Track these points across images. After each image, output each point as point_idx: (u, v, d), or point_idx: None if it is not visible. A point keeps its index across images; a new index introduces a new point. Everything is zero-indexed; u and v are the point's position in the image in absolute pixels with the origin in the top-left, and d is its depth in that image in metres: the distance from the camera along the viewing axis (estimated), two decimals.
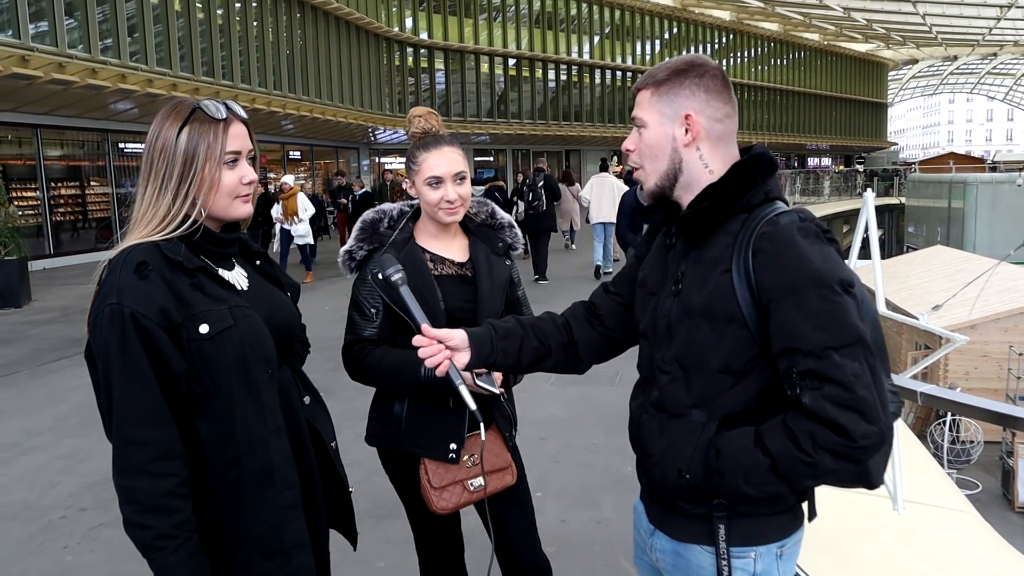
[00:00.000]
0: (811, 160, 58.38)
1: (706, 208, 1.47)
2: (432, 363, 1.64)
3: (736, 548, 1.47)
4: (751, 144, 1.56)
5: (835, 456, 1.33)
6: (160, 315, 1.47)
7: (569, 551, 3.55)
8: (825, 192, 38.05)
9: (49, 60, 14.31)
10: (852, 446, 1.32)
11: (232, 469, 1.55)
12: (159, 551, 1.45)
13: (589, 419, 5.51)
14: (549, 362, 1.76)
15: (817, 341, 1.33)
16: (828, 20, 45.62)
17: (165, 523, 1.45)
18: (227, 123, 1.59)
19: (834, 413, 1.31)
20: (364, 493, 4.03)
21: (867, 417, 1.31)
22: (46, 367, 7.59)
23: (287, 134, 25.80)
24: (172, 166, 1.55)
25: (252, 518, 1.57)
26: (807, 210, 1.48)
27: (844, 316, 1.34)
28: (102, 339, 1.48)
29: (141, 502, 1.45)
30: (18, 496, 4.48)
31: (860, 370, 1.32)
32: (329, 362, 2.15)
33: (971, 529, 3.47)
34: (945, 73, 72.83)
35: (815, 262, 1.36)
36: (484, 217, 2.35)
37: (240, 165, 1.61)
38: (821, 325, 1.34)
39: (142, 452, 1.46)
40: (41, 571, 3.59)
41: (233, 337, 1.54)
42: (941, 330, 6.48)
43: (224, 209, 1.61)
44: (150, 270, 1.49)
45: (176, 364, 1.50)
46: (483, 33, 36.52)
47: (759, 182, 1.47)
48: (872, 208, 3.54)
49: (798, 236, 1.39)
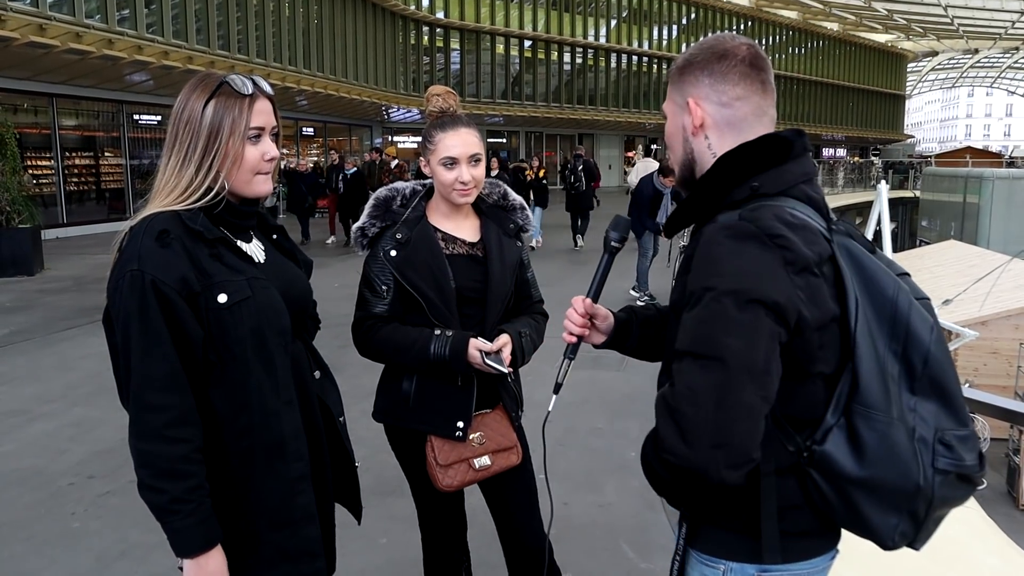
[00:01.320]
0: (826, 151, 57.94)
1: (684, 203, 1.43)
2: (570, 329, 1.67)
3: (705, 555, 1.40)
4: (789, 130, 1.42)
5: (656, 458, 1.26)
6: (180, 283, 1.49)
7: (571, 534, 3.57)
8: (839, 184, 37.76)
9: (66, 29, 14.33)
10: (661, 456, 1.24)
11: (244, 439, 1.57)
12: (173, 514, 1.47)
13: (595, 403, 5.53)
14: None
15: (681, 342, 1.26)
16: (848, 9, 45.13)
17: (179, 487, 1.47)
18: (253, 99, 1.60)
19: (659, 413, 1.25)
20: (368, 470, 4.03)
21: (683, 435, 1.20)
22: (57, 335, 7.64)
23: (301, 110, 25.77)
24: (197, 138, 1.57)
25: (262, 488, 1.59)
26: (766, 207, 1.29)
27: (715, 327, 1.21)
28: (122, 304, 1.49)
29: (156, 466, 1.47)
30: (27, 462, 4.53)
31: (699, 386, 1.20)
32: (337, 339, 2.16)
33: (975, 526, 3.46)
34: (965, 66, 72.06)
35: (720, 266, 1.24)
36: (496, 198, 2.35)
37: (263, 141, 1.63)
38: (691, 329, 1.25)
39: (159, 417, 1.47)
40: (48, 537, 3.64)
41: (250, 308, 1.56)
42: (951, 325, 6.46)
43: (244, 184, 1.62)
44: (171, 238, 1.50)
45: (194, 332, 1.51)
46: (499, 14, 36.30)
47: (746, 176, 1.33)
48: (886, 201, 3.52)
49: (720, 235, 1.27)
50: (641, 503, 3.97)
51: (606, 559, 3.45)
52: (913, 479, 1.24)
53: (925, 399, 1.27)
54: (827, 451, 1.27)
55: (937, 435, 1.26)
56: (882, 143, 60.22)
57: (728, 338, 1.20)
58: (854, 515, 1.29)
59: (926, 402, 1.27)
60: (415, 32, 33.20)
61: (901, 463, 1.24)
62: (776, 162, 1.35)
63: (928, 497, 1.26)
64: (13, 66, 14.48)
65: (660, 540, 3.56)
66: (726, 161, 1.36)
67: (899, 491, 1.25)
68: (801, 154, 1.38)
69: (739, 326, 1.20)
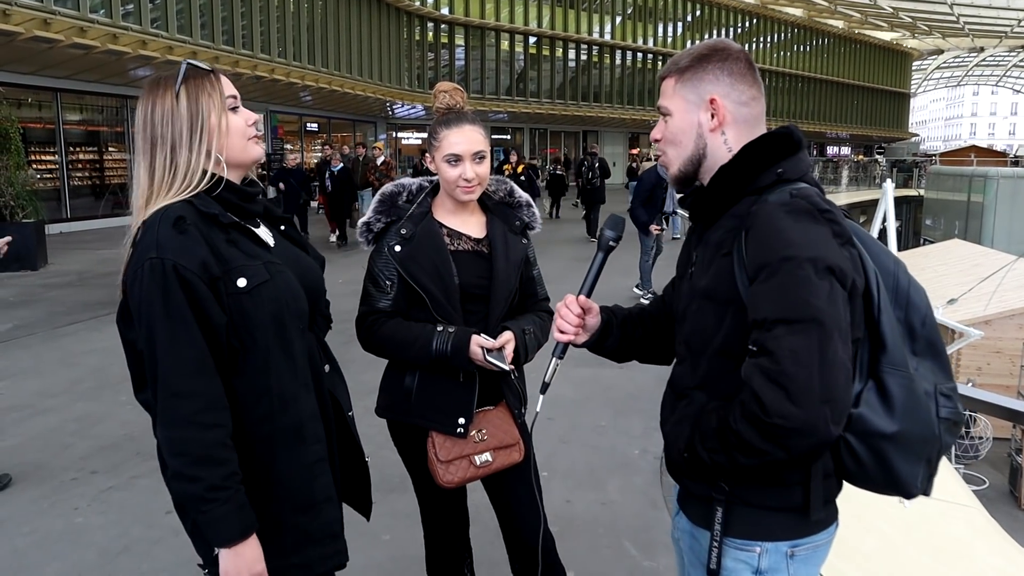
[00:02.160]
0: (830, 149, 57.81)
1: (712, 189, 1.47)
2: (562, 328, 1.68)
3: (739, 540, 1.44)
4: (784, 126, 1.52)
5: (757, 432, 1.28)
6: (201, 267, 1.48)
7: (573, 532, 3.57)
8: (843, 182, 37.67)
9: (71, 24, 14.32)
10: (767, 423, 1.26)
11: (266, 424, 1.57)
12: (211, 503, 1.45)
13: (598, 401, 5.52)
14: (647, 350, 1.80)
15: (768, 312, 1.29)
16: (853, 7, 45.00)
17: (216, 474, 1.45)
18: (215, 73, 1.62)
19: (758, 383, 1.27)
20: (372, 466, 4.03)
21: (791, 397, 1.24)
22: (61, 330, 7.65)
23: (305, 106, 25.76)
24: (179, 125, 1.57)
25: (284, 473, 1.59)
26: (807, 188, 1.41)
27: (803, 292, 1.28)
28: (143, 294, 1.47)
29: (191, 453, 1.45)
30: (31, 457, 4.54)
31: (802, 348, 1.25)
32: (341, 335, 2.16)
33: (977, 525, 3.46)
34: (971, 65, 71.85)
35: (790, 238, 1.32)
36: (502, 195, 2.34)
37: (241, 110, 1.64)
38: (776, 298, 1.29)
39: (190, 403, 1.46)
40: (51, 532, 3.64)
41: (269, 291, 1.56)
42: (955, 324, 6.44)
43: (241, 151, 1.63)
44: (188, 224, 1.50)
45: (218, 317, 1.50)
46: (504, 10, 36.25)
47: (769, 163, 1.43)
48: (891, 199, 3.51)
49: (780, 212, 1.35)
50: (644, 501, 3.97)
51: (609, 557, 3.45)
52: (932, 428, 1.37)
53: (923, 358, 1.41)
54: (862, 413, 1.35)
55: (937, 389, 1.39)
56: (887, 141, 60.09)
57: (818, 301, 1.27)
58: (886, 471, 1.37)
59: (924, 360, 1.41)
60: (420, 28, 33.16)
61: (924, 413, 1.37)
62: (793, 151, 1.46)
63: (939, 444, 1.39)
64: (17, 61, 14.50)
65: (663, 538, 3.55)
66: (752, 150, 1.45)
67: (923, 440, 1.37)
68: (805, 146, 1.51)
69: (822, 290, 1.28)
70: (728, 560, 1.45)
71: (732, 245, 1.41)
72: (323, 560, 1.65)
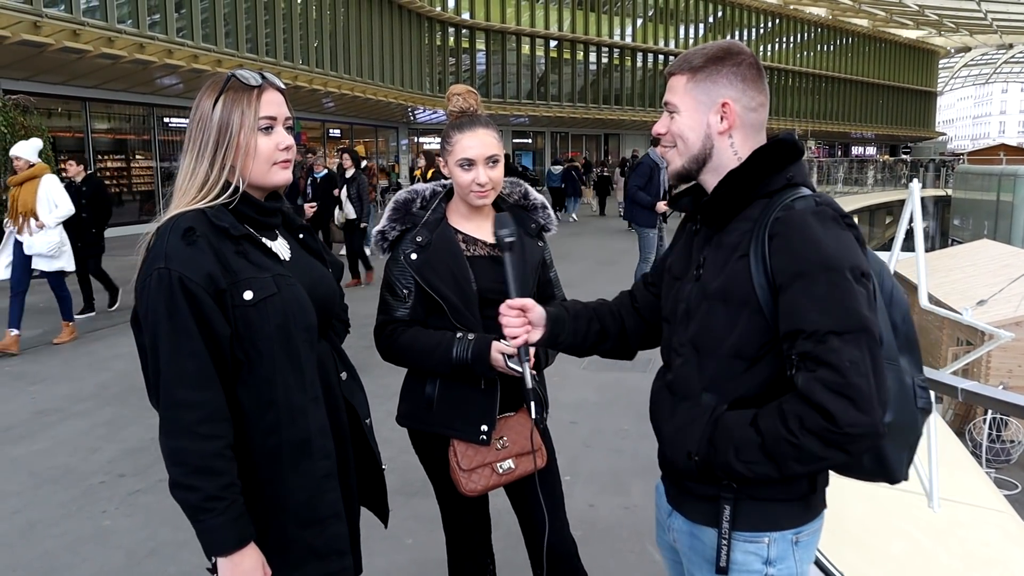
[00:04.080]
0: (856, 149, 57.22)
1: (725, 193, 1.49)
2: (511, 333, 1.71)
3: (747, 532, 1.48)
4: (780, 131, 1.57)
5: (821, 441, 1.31)
6: (207, 280, 1.50)
7: (596, 536, 3.55)
8: (869, 182, 37.29)
9: (99, 34, 14.58)
10: (837, 432, 1.30)
11: (272, 437, 1.57)
12: (207, 512, 1.46)
13: (620, 404, 5.50)
14: (607, 346, 1.82)
15: (819, 324, 1.32)
16: (878, 5, 44.56)
17: (213, 484, 1.46)
18: (260, 90, 1.60)
19: (823, 396, 1.30)
20: (394, 471, 4.04)
21: (857, 405, 1.29)
22: (90, 335, 7.76)
23: (328, 112, 25.95)
24: (208, 134, 1.58)
25: (289, 486, 1.59)
26: (827, 195, 1.47)
27: (850, 302, 1.33)
28: (150, 303, 1.50)
29: (189, 463, 1.47)
30: (60, 460, 4.60)
31: (858, 358, 1.30)
32: (363, 339, 2.17)
33: (1009, 530, 3.40)
34: (999, 62, 70.76)
35: (827, 246, 1.36)
36: (517, 198, 2.33)
37: (276, 132, 1.63)
38: (825, 309, 1.33)
39: (190, 414, 1.47)
40: (80, 534, 3.70)
41: (276, 304, 1.56)
42: (985, 326, 6.33)
43: (262, 175, 1.62)
44: (197, 236, 1.51)
45: (221, 329, 1.52)
46: (525, 14, 36.32)
47: (780, 168, 1.47)
48: (918, 199, 3.46)
49: (812, 220, 1.38)
50: None
51: (632, 561, 3.43)
52: (915, 417, 1.48)
53: (903, 352, 1.48)
54: None
55: (915, 380, 1.48)
56: (913, 141, 59.40)
57: (863, 309, 1.34)
58: (880, 460, 1.46)
59: (903, 354, 1.48)
60: (441, 33, 33.31)
61: (910, 404, 1.46)
62: (798, 157, 1.50)
63: (919, 432, 1.51)
64: (48, 71, 14.75)
65: None
66: (764, 155, 1.48)
67: (910, 428, 1.48)
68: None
69: (864, 297, 1.35)
70: (737, 554, 1.48)
71: (748, 248, 1.43)
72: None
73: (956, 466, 4.02)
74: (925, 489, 3.30)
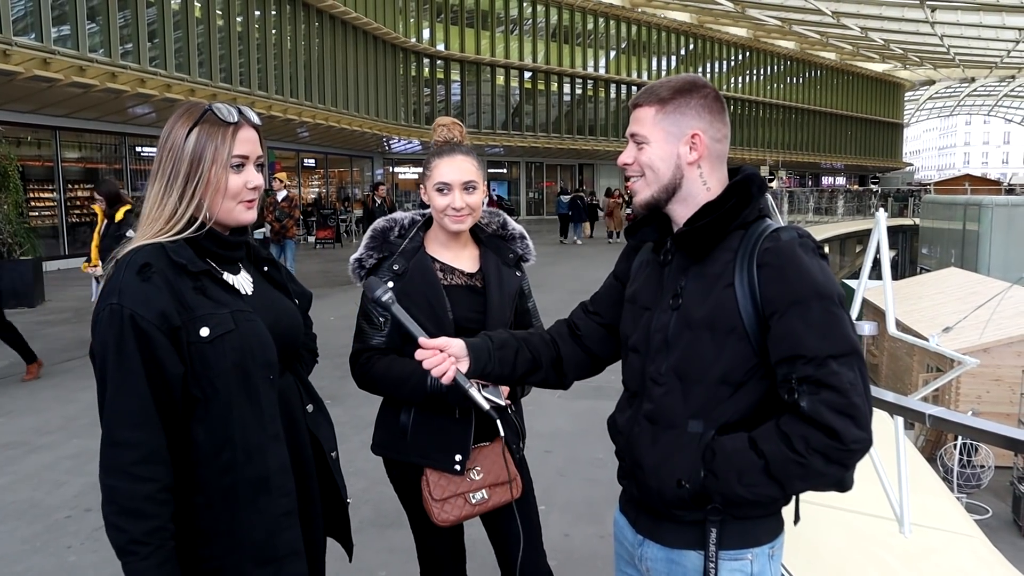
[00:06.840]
0: (825, 179, 58.19)
1: (707, 225, 1.52)
2: (439, 372, 1.67)
3: (732, 551, 1.51)
4: (740, 165, 1.62)
5: (826, 459, 1.39)
6: (160, 318, 1.47)
7: (572, 565, 3.53)
8: (839, 211, 37.90)
9: (70, 63, 14.49)
10: (843, 449, 1.38)
11: (228, 475, 1.54)
12: (131, 555, 1.43)
13: (595, 433, 5.49)
14: (539, 375, 1.81)
15: (818, 349, 1.40)
16: (845, 39, 45.60)
17: (139, 528, 1.43)
18: (237, 127, 1.59)
19: (829, 417, 1.37)
20: (368, 501, 4.03)
21: (858, 423, 1.38)
22: (57, 367, 7.62)
23: (302, 141, 25.96)
24: (179, 165, 1.56)
25: (246, 524, 1.56)
26: (801, 227, 1.56)
27: (842, 327, 1.42)
28: (100, 338, 1.48)
29: (119, 503, 1.44)
30: (24, 495, 4.50)
31: (855, 379, 1.39)
32: (337, 370, 2.15)
33: (980, 555, 3.43)
34: (962, 95, 72.66)
35: (817, 276, 1.44)
36: (495, 228, 2.34)
37: (247, 170, 1.61)
38: (822, 335, 1.40)
39: (127, 453, 1.45)
40: (44, 570, 3.60)
41: (234, 341, 1.54)
42: (952, 352, 6.44)
43: (227, 213, 1.60)
44: (153, 272, 1.49)
45: (172, 368, 1.49)
46: (499, 45, 36.70)
47: (753, 200, 1.54)
48: (884, 228, 3.53)
49: (800, 251, 1.45)
50: None
51: None
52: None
53: None
54: None
55: None
56: (881, 171, 60.52)
57: (851, 333, 1.43)
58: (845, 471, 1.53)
59: None
60: (416, 64, 33.55)
61: None
62: (764, 190, 1.57)
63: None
64: (17, 100, 14.63)
65: None
66: (741, 188, 1.54)
67: None
68: None
69: (848, 321, 1.44)
70: (724, 573, 1.51)
71: (733, 277, 1.47)
72: None
73: (928, 492, 4.05)
74: (896, 515, 3.32)
